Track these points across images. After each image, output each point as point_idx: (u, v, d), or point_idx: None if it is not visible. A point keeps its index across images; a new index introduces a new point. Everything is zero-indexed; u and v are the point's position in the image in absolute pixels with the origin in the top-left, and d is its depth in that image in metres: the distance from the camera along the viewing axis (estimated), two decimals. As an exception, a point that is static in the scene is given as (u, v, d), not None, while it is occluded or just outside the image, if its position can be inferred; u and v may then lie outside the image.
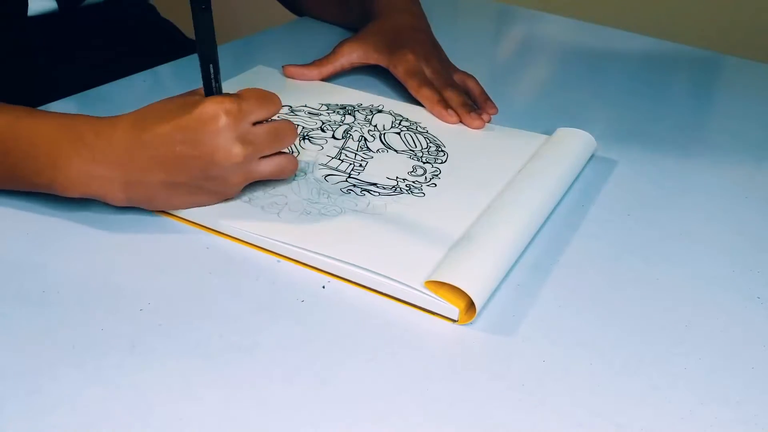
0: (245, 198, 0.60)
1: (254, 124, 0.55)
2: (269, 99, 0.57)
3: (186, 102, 0.54)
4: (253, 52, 0.92)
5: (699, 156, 0.77)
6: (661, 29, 1.39)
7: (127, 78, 0.80)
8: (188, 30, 1.05)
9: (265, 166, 0.57)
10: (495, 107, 0.80)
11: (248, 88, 0.57)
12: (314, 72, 0.83)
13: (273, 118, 0.58)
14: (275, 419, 0.42)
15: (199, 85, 0.56)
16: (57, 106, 0.73)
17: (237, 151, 0.54)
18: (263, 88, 0.58)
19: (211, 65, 0.55)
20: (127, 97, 0.76)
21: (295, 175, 0.64)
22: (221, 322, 0.49)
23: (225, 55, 0.90)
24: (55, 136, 0.55)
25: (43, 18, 0.82)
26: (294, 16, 1.07)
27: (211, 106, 0.53)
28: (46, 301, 0.49)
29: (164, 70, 0.84)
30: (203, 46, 0.55)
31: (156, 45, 0.96)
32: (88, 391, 0.43)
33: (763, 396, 0.47)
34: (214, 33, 0.54)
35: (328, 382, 0.45)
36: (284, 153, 0.59)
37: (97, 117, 0.56)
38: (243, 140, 0.54)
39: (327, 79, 0.84)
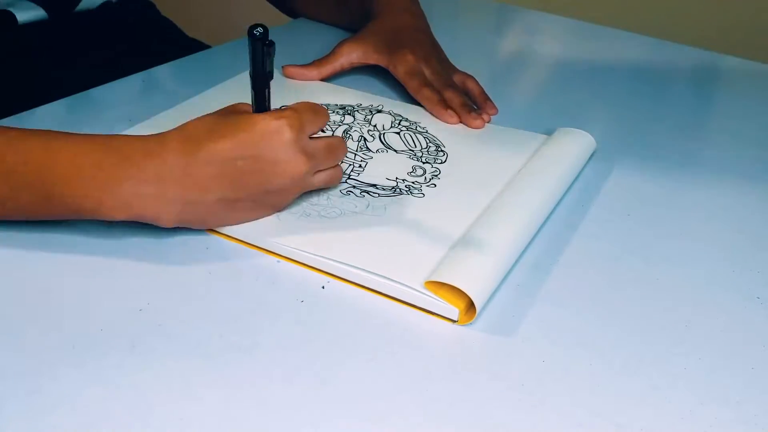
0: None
1: (310, 137, 0.56)
2: (321, 111, 0.57)
3: (241, 117, 0.53)
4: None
5: (699, 156, 0.77)
6: (661, 29, 1.39)
7: (126, 78, 0.80)
8: (188, 28, 1.05)
9: (320, 178, 0.58)
10: (495, 107, 0.80)
11: (300, 102, 0.57)
12: (314, 72, 0.83)
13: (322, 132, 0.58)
14: (275, 419, 0.42)
15: (199, 84, 0.56)
16: (55, 107, 0.73)
17: (301, 163, 0.54)
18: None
19: (267, 90, 0.55)
20: (126, 98, 0.76)
21: None
22: (221, 322, 0.49)
23: (225, 55, 0.91)
24: (100, 157, 0.52)
25: (37, 25, 0.82)
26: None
27: (275, 121, 0.53)
28: (46, 301, 0.49)
29: (164, 70, 0.83)
30: (256, 73, 0.54)
31: (156, 44, 0.95)
32: (88, 391, 0.43)
33: (763, 396, 0.47)
34: (268, 61, 0.54)
35: (328, 382, 0.45)
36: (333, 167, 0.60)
37: (141, 136, 0.53)
38: (305, 153, 0.54)
39: (326, 79, 0.84)
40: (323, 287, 0.53)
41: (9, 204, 0.52)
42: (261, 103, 0.55)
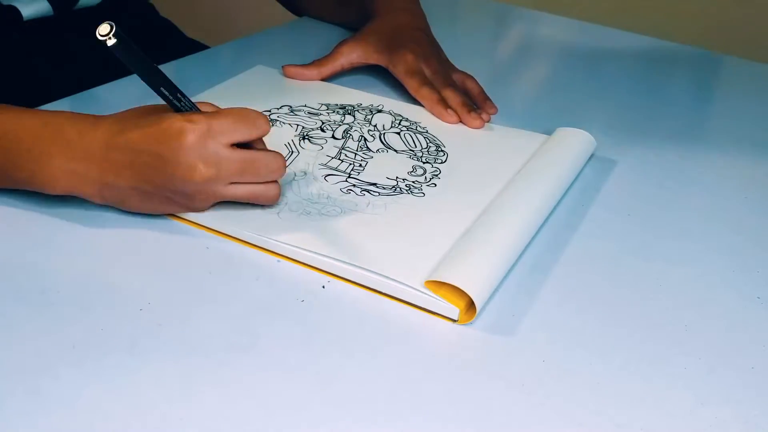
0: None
1: (234, 145, 0.53)
2: (250, 120, 0.54)
3: (158, 113, 0.54)
4: (253, 52, 0.92)
5: (699, 156, 0.77)
6: (661, 29, 1.39)
7: (127, 78, 0.79)
8: (188, 29, 1.05)
9: (237, 190, 0.55)
10: (494, 107, 0.80)
11: (231, 108, 0.55)
12: (314, 72, 0.83)
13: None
14: (275, 419, 0.42)
15: (198, 85, 0.56)
16: (53, 107, 0.73)
17: (199, 171, 0.52)
18: (262, 89, 0.57)
19: (161, 88, 0.53)
20: (124, 98, 0.76)
21: (295, 175, 0.64)
22: (221, 321, 0.49)
23: (225, 55, 0.91)
24: (39, 132, 0.54)
25: (41, 22, 0.81)
26: (294, 16, 1.07)
27: (178, 123, 0.52)
28: (46, 300, 0.49)
29: (164, 70, 0.83)
30: (142, 75, 0.52)
31: (155, 44, 0.95)
32: (87, 391, 0.43)
33: (763, 396, 0.47)
34: (144, 58, 0.52)
35: (328, 382, 0.45)
36: (264, 183, 0.56)
37: (82, 115, 0.56)
38: (207, 161, 0.52)
39: (327, 79, 0.84)
40: (323, 287, 0.53)
41: None
42: (171, 104, 0.54)
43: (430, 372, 0.46)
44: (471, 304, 0.50)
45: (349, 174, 0.65)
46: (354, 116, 0.76)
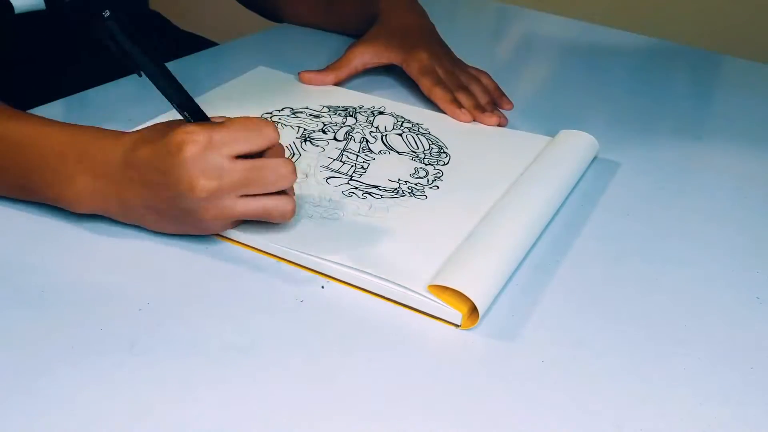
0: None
1: (240, 156, 0.51)
2: (256, 130, 0.51)
3: (166, 129, 0.52)
4: (254, 52, 0.92)
5: (699, 156, 0.77)
6: (661, 29, 1.39)
7: (127, 78, 0.79)
8: (181, 22, 1.04)
9: (245, 206, 0.52)
10: (510, 102, 0.81)
11: (237, 117, 0.53)
12: (330, 76, 0.83)
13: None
14: (274, 419, 0.42)
15: (197, 86, 0.56)
16: (50, 108, 0.73)
17: (201, 185, 0.50)
18: (264, 90, 0.57)
19: (174, 104, 0.53)
20: (126, 98, 0.76)
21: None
22: (220, 322, 0.49)
23: (226, 55, 0.91)
24: (63, 150, 0.54)
25: (33, 19, 0.81)
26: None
27: (179, 135, 0.50)
28: (45, 301, 0.49)
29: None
30: (157, 84, 0.53)
31: (150, 38, 0.95)
32: (86, 391, 0.43)
33: (763, 396, 0.47)
34: (158, 63, 0.52)
35: (328, 383, 0.45)
36: (277, 194, 0.53)
37: (106, 131, 0.55)
38: (209, 174, 0.50)
39: (342, 82, 0.83)
40: (323, 287, 0.53)
41: None
42: (186, 117, 0.53)
43: (430, 371, 0.46)
44: (474, 309, 0.50)
45: (351, 176, 0.65)
46: (356, 118, 0.76)
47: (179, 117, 0.55)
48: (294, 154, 0.68)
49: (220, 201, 0.51)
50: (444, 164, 0.69)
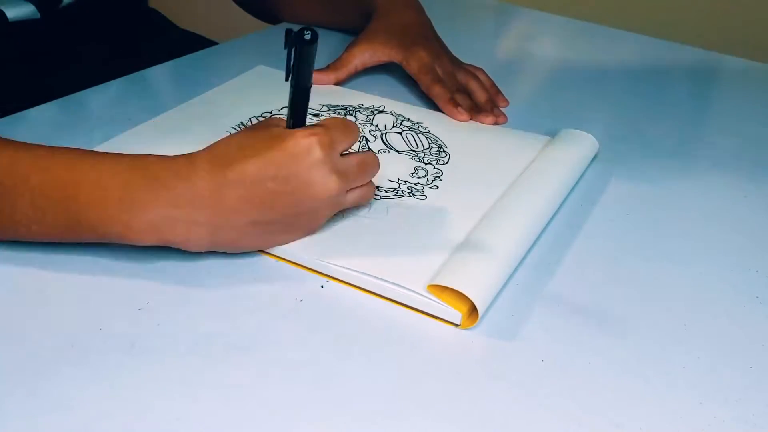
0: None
1: (342, 154, 0.53)
2: (351, 127, 0.55)
3: (271, 135, 0.51)
4: (254, 52, 0.92)
5: (699, 156, 0.77)
6: (661, 29, 1.39)
7: (127, 77, 0.79)
8: (180, 20, 1.04)
9: (352, 196, 0.56)
10: (506, 100, 0.81)
11: (330, 118, 0.54)
12: (330, 76, 0.83)
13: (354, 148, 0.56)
14: (274, 419, 0.42)
15: (197, 86, 0.56)
16: (50, 107, 0.73)
17: (333, 183, 0.51)
18: (264, 89, 0.57)
19: (299, 107, 0.53)
20: (126, 98, 0.76)
21: None
22: (220, 321, 0.49)
23: (225, 55, 0.91)
24: (127, 178, 0.49)
25: (28, 23, 0.81)
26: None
27: (305, 139, 0.50)
28: (44, 300, 0.49)
29: (165, 68, 0.83)
30: (300, 79, 0.52)
31: (149, 37, 0.95)
32: (86, 391, 0.43)
33: (762, 395, 0.47)
34: (312, 67, 0.52)
35: (328, 382, 0.45)
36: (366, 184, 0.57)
37: (168, 156, 0.51)
38: (337, 172, 0.52)
39: (342, 82, 0.83)
40: (322, 286, 0.53)
41: (34, 227, 0.50)
42: (299, 117, 0.53)
43: (430, 371, 0.46)
44: (473, 309, 0.50)
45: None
46: (355, 117, 0.76)
47: (177, 118, 0.54)
48: None
49: (340, 197, 0.54)
50: (443, 163, 0.69)
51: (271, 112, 0.74)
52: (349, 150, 0.55)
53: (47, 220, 0.50)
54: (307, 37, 0.50)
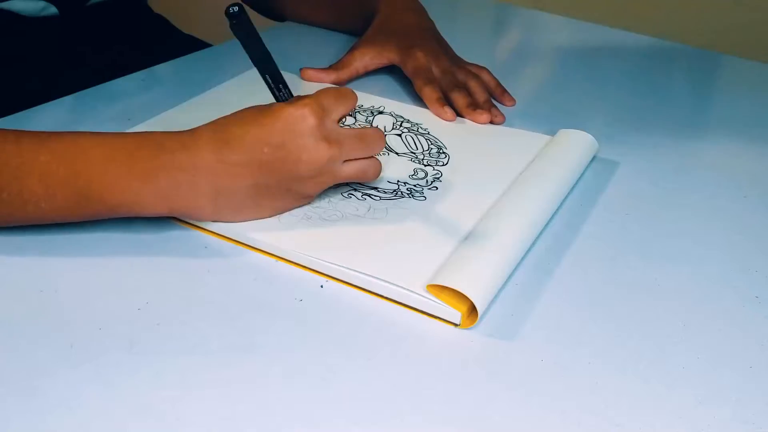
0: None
1: (340, 124, 0.56)
2: (346, 94, 0.57)
3: (267, 108, 0.55)
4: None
5: (699, 156, 0.77)
6: (661, 29, 1.39)
7: (127, 77, 0.79)
8: (182, 24, 1.04)
9: (350, 168, 0.57)
10: (512, 99, 0.81)
11: (324, 88, 0.57)
12: (332, 76, 0.83)
13: (364, 124, 0.60)
14: (274, 419, 0.42)
15: (196, 85, 0.56)
16: (48, 108, 0.73)
17: (324, 150, 0.54)
18: (263, 90, 0.58)
19: (267, 75, 0.56)
20: (126, 97, 0.76)
21: None
22: (219, 321, 0.49)
23: (225, 55, 0.91)
24: (134, 149, 0.52)
25: (43, 21, 0.82)
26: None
27: (297, 108, 0.53)
28: (44, 300, 0.49)
29: (164, 68, 0.83)
30: (253, 60, 0.56)
31: (152, 41, 0.95)
32: (86, 391, 0.43)
33: (762, 395, 0.47)
34: (261, 45, 0.56)
35: (327, 382, 0.45)
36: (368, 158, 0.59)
37: (172, 131, 0.54)
38: (329, 139, 0.54)
39: (343, 84, 0.83)
40: (322, 286, 0.53)
41: (44, 205, 0.52)
42: (280, 90, 0.57)
43: (429, 371, 0.46)
44: (473, 309, 0.50)
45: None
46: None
47: (176, 118, 0.55)
48: None
49: (333, 166, 0.56)
50: (443, 165, 0.69)
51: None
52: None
53: (57, 196, 0.51)
54: (233, 10, 0.53)
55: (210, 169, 0.53)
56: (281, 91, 0.58)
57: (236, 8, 0.53)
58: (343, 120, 0.63)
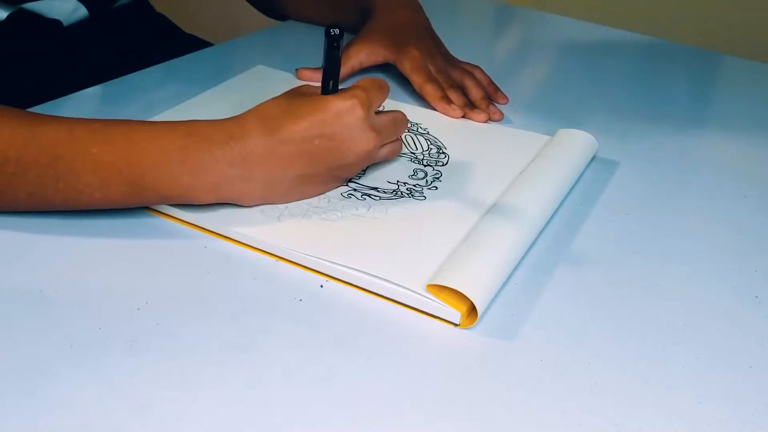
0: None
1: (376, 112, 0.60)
2: (384, 86, 0.61)
3: (315, 99, 0.57)
4: (253, 51, 0.92)
5: (698, 155, 0.77)
6: (661, 29, 1.39)
7: (127, 77, 0.79)
8: (184, 23, 1.04)
9: (384, 151, 0.63)
10: (505, 96, 0.81)
11: (364, 79, 0.60)
12: None
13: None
14: (273, 419, 0.42)
15: (196, 85, 0.56)
16: (52, 107, 0.73)
17: (372, 139, 0.58)
18: (263, 89, 0.58)
19: (331, 81, 0.59)
20: (125, 97, 0.76)
21: None
22: (219, 321, 0.49)
23: (225, 54, 0.91)
24: (185, 142, 0.54)
25: (77, 27, 0.82)
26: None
27: (347, 101, 0.57)
28: (44, 300, 0.49)
29: (163, 68, 0.83)
30: (327, 69, 0.59)
31: (155, 40, 0.95)
32: (85, 391, 0.43)
33: (761, 395, 0.47)
34: (339, 58, 0.60)
35: (327, 382, 0.45)
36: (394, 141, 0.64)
37: (218, 120, 0.56)
38: (374, 129, 0.58)
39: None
40: (321, 286, 0.53)
41: (97, 194, 0.54)
42: (328, 89, 0.59)
43: (429, 371, 0.46)
44: (473, 308, 0.50)
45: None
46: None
47: (177, 118, 0.55)
48: None
49: (374, 151, 0.60)
50: (443, 165, 0.69)
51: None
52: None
53: (111, 186, 0.54)
54: (333, 33, 0.57)
55: (260, 160, 0.55)
56: (330, 87, 0.60)
57: (338, 30, 0.57)
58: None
